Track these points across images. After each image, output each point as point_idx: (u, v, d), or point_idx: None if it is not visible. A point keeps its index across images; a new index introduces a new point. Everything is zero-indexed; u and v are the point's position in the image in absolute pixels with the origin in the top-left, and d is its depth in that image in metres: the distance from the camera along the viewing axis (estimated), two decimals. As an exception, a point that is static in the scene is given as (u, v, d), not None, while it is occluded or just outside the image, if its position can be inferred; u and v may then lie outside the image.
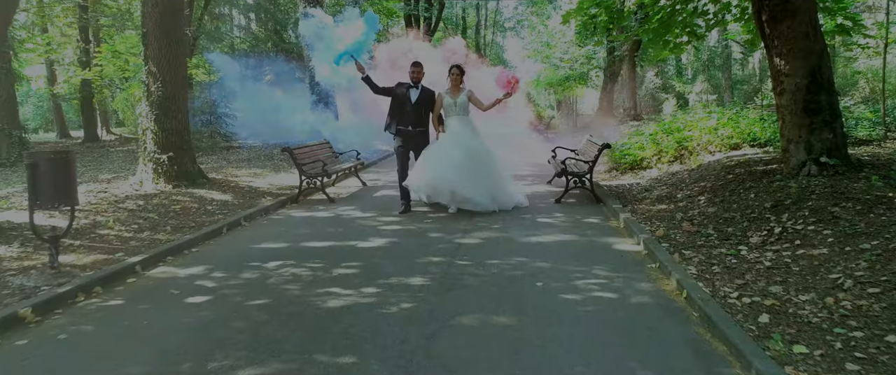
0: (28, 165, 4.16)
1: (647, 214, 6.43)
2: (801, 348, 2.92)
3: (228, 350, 3.13)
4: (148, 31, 7.97)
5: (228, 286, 4.28)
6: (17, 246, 4.99)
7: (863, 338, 2.93)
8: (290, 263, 4.85)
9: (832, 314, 3.26)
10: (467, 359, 2.98)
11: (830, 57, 6.72)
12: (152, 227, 6.01)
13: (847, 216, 4.70)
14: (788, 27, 6.15)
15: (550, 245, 5.39)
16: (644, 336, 3.27)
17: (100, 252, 5.03)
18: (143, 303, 3.95)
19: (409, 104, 6.93)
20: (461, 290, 4.08)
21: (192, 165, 8.36)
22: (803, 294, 3.59)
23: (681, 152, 9.24)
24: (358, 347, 3.14)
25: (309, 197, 8.27)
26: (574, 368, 2.87)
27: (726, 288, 3.88)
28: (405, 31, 24.72)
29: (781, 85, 6.36)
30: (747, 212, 5.50)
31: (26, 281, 4.16)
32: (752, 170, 7.01)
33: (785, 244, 4.54)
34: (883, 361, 2.70)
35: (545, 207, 7.33)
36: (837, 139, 6.19)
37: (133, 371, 2.90)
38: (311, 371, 2.87)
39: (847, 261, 3.89)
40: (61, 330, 3.48)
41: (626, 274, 4.45)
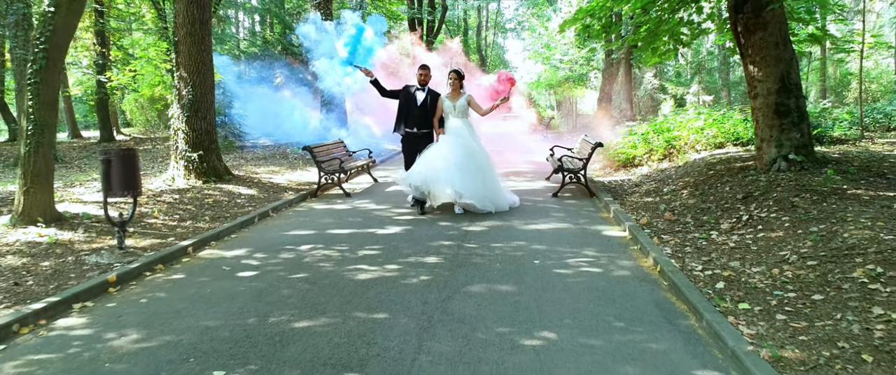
0: (103, 160, 4.89)
1: (634, 206, 7.15)
2: (745, 305, 3.64)
3: (282, 309, 3.86)
4: (179, 39, 8.70)
5: (270, 264, 5.01)
6: (81, 232, 5.72)
7: (794, 298, 3.65)
8: (319, 246, 5.57)
9: (775, 281, 3.97)
10: (476, 315, 3.70)
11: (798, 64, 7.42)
12: (192, 217, 6.74)
13: (804, 205, 5.42)
14: (760, 38, 6.87)
15: (547, 231, 6.12)
16: (621, 299, 3.99)
17: (153, 237, 5.76)
18: (202, 277, 4.68)
19: (416, 106, 7.18)
20: (470, 267, 4.80)
21: (219, 163, 9.10)
22: (755, 267, 4.30)
23: (670, 151, 9.96)
24: (388, 307, 3.86)
25: (326, 191, 9.00)
26: (562, 321, 3.59)
27: (693, 263, 4.60)
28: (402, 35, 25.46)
29: (755, 89, 7.08)
30: (722, 203, 6.23)
31: (100, 259, 4.89)
32: (731, 166, 7.73)
33: (749, 229, 5.26)
34: (805, 313, 3.42)
35: (543, 201, 8.05)
36: (804, 138, 6.91)
37: (211, 323, 3.63)
38: (353, 323, 3.59)
39: (796, 241, 4.61)
40: (140, 296, 4.21)
41: (611, 254, 5.18)
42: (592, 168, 11.16)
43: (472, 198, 6.91)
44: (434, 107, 7.28)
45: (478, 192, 6.96)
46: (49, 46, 5.71)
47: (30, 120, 5.74)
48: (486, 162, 7.31)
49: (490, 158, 7.46)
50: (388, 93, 7.43)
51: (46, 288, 4.20)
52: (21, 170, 5.82)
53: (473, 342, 3.28)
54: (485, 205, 7.00)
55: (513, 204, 7.41)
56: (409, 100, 7.22)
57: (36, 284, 4.29)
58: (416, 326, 3.52)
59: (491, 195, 7.12)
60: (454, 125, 7.20)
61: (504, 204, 7.24)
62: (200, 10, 8.72)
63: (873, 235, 4.28)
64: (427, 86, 7.25)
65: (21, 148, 5.84)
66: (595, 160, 11.92)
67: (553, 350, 3.17)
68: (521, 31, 44.90)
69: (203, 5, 8.76)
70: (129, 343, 3.36)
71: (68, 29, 5.93)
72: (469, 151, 7.09)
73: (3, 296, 4.01)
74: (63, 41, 5.90)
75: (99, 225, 6.00)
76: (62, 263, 4.78)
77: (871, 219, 4.63)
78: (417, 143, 7.23)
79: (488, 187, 7.15)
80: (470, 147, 7.14)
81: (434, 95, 7.29)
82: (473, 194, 6.92)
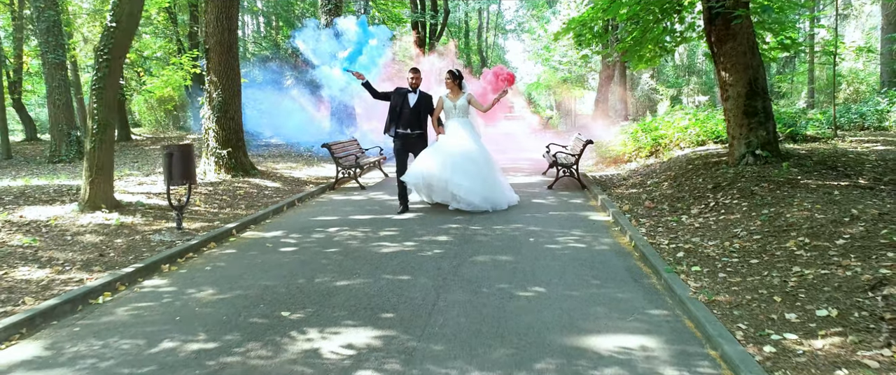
0: (166, 154, 5.80)
1: (620, 196, 8.05)
2: (696, 268, 4.54)
3: (324, 273, 4.76)
4: (210, 47, 9.60)
5: (306, 241, 5.92)
6: (139, 216, 6.62)
7: (736, 262, 4.54)
8: (345, 228, 6.48)
9: (724, 251, 4.87)
10: (482, 276, 4.60)
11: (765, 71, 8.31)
12: (229, 205, 7.65)
13: (761, 192, 6.31)
14: (731, 47, 7.76)
15: (542, 217, 7.02)
16: (599, 265, 4.89)
17: (200, 221, 6.66)
18: (251, 252, 5.58)
19: (408, 108, 7.26)
20: (475, 243, 5.70)
21: (245, 159, 10.01)
22: (711, 241, 5.20)
23: (656, 148, 10.85)
24: (409, 272, 4.76)
25: (343, 185, 9.91)
26: (551, 280, 4.49)
27: (662, 239, 5.50)
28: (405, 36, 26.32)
29: (727, 92, 7.97)
30: (694, 192, 7.13)
31: (163, 237, 5.80)
32: (708, 161, 8.62)
33: (713, 213, 6.16)
34: (741, 272, 4.31)
35: (540, 192, 8.95)
36: (770, 136, 7.80)
37: (268, 283, 4.53)
38: (383, 282, 4.49)
39: (748, 221, 5.50)
40: (205, 265, 5.12)
41: (595, 233, 6.08)
42: (586, 164, 12.07)
43: (468, 198, 7.08)
44: (425, 108, 7.36)
45: (474, 192, 7.08)
46: (111, 57, 6.61)
47: (94, 120, 6.64)
48: (485, 161, 7.37)
49: (490, 157, 7.56)
50: (379, 95, 7.51)
51: (126, 259, 5.11)
52: (86, 163, 6.72)
53: (479, 294, 4.18)
54: (481, 205, 7.15)
55: (511, 203, 7.55)
56: (400, 102, 7.30)
57: (116, 256, 5.20)
58: (433, 284, 4.42)
59: (488, 194, 7.22)
60: (455, 125, 7.38)
61: (502, 203, 7.35)
62: (229, 19, 9.63)
63: (809, 215, 5.17)
64: (418, 89, 7.37)
65: (86, 144, 6.74)
66: (589, 157, 12.83)
67: (542, 298, 4.07)
68: (521, 33, 45.78)
69: (231, 15, 9.66)
70: (208, 295, 4.27)
71: (125, 41, 6.83)
72: (467, 151, 7.21)
73: (96, 264, 4.91)
74: (121, 51, 6.80)
75: (152, 210, 6.91)
76: (132, 240, 5.69)
77: (811, 203, 5.53)
78: (410, 144, 7.38)
79: (487, 186, 7.23)
80: (469, 146, 7.25)
81: (425, 97, 7.41)
82: (469, 193, 7.07)
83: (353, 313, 3.84)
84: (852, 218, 4.85)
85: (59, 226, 5.94)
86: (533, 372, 2.95)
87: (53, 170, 12.61)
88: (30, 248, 5.21)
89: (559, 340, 3.35)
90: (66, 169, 13.03)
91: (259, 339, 3.42)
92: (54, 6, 14.18)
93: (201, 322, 3.73)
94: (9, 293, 4.18)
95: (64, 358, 3.24)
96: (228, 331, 3.55)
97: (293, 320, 3.73)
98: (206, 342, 3.40)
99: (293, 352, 3.24)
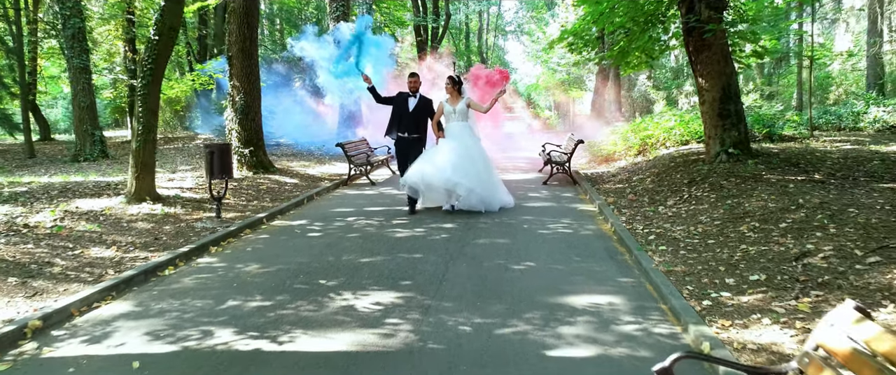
0: (207, 152, 6.67)
1: (607, 190, 8.92)
2: (662, 247, 5.40)
3: (348, 252, 5.62)
4: (232, 54, 10.47)
5: (329, 228, 6.78)
6: (179, 207, 7.48)
7: (696, 242, 5.40)
8: (361, 218, 7.34)
9: (688, 234, 5.73)
10: (483, 254, 5.46)
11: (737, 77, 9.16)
12: (256, 199, 8.51)
13: (728, 186, 7.17)
14: (706, 56, 8.62)
15: (535, 208, 7.88)
16: (582, 246, 5.76)
17: (233, 212, 7.52)
18: (282, 236, 6.45)
19: (408, 112, 7.56)
20: (476, 229, 6.56)
21: (265, 157, 10.87)
22: (679, 226, 6.06)
23: (643, 147, 11.72)
24: (421, 251, 5.63)
25: (355, 181, 10.77)
26: (540, 256, 5.35)
27: (638, 226, 6.36)
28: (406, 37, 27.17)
29: (703, 97, 8.84)
30: (672, 186, 7.99)
31: (205, 224, 6.66)
32: (688, 159, 9.49)
33: (685, 204, 7.02)
34: (698, 250, 5.17)
35: (535, 187, 9.82)
36: (741, 136, 8.66)
37: (303, 260, 5.39)
38: (400, 259, 5.35)
39: (713, 210, 6.36)
40: (245, 247, 5.98)
41: (582, 222, 6.95)
42: (580, 162, 12.94)
43: (467, 197, 7.33)
44: (424, 112, 7.63)
45: (472, 192, 7.30)
46: (155, 66, 7.47)
47: (139, 122, 7.50)
48: (483, 164, 7.60)
49: (488, 160, 7.83)
50: (382, 100, 7.78)
51: (177, 242, 5.97)
52: (132, 160, 7.58)
53: (481, 267, 5.05)
54: (477, 205, 7.40)
55: (506, 205, 7.75)
56: (401, 106, 7.59)
57: (168, 239, 6.06)
58: (443, 260, 5.28)
59: (485, 195, 7.44)
60: (454, 128, 7.58)
61: (495, 204, 7.58)
62: (250, 29, 10.49)
63: (764, 205, 6.03)
64: (418, 93, 7.66)
65: (132, 144, 7.59)
66: (582, 155, 13.70)
67: (532, 269, 4.94)
68: (521, 34, 46.62)
69: (252, 25, 10.53)
70: (254, 269, 5.13)
71: (166, 52, 7.69)
72: (465, 154, 7.39)
73: (152, 246, 5.78)
74: (163, 61, 7.66)
75: (190, 202, 7.78)
76: (179, 227, 6.55)
77: (768, 194, 6.39)
78: (409, 146, 7.65)
79: (484, 187, 7.44)
80: (467, 150, 7.45)
81: (424, 101, 7.66)
82: (468, 193, 7.30)
83: (377, 281, 4.70)
84: (798, 207, 5.71)
85: (113, 215, 6.80)
86: (522, 320, 3.81)
87: (80, 169, 13.44)
88: (95, 233, 6.07)
89: (544, 299, 4.21)
90: (92, 167, 13.87)
91: (305, 299, 4.28)
92: (79, 14, 15.02)
93: (255, 287, 4.59)
94: (91, 267, 5.04)
95: (152, 312, 4.10)
96: (278, 294, 4.42)
97: (329, 286, 4.59)
98: (262, 301, 4.26)
99: (334, 307, 4.11)
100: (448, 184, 7.23)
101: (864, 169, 7.68)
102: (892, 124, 12.90)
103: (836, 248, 4.43)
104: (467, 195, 7.30)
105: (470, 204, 7.40)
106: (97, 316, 4.04)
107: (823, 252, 4.42)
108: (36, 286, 4.47)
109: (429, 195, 7.49)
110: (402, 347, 3.41)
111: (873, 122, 13.12)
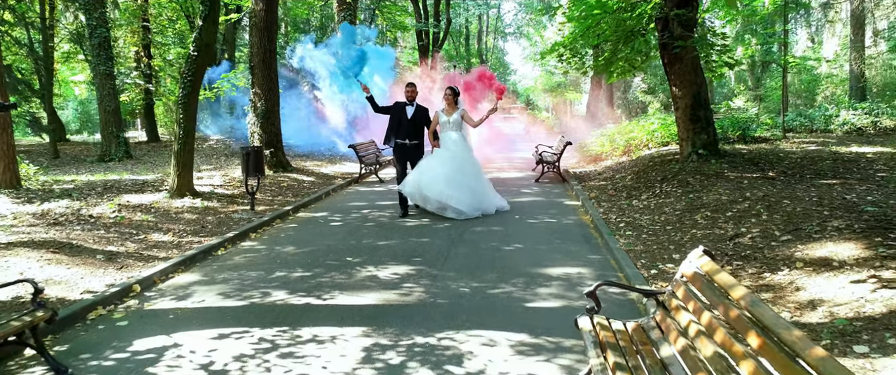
0: (244, 154, 7.77)
1: (591, 187, 10.01)
2: (629, 232, 6.49)
3: (367, 237, 6.71)
4: (255, 65, 11.57)
5: (347, 219, 7.87)
6: (216, 201, 8.58)
7: (657, 228, 6.49)
8: (375, 210, 8.44)
9: (653, 222, 6.81)
10: (479, 239, 6.55)
11: (707, 86, 10.25)
12: (280, 194, 9.60)
13: (694, 182, 8.26)
14: (679, 68, 9.71)
15: (526, 202, 8.97)
16: (563, 232, 6.85)
17: (262, 205, 8.61)
18: (308, 226, 7.54)
19: (406, 119, 7.89)
20: (475, 220, 7.65)
21: (284, 157, 11.97)
22: (646, 216, 7.15)
23: (628, 148, 12.80)
24: (428, 236, 6.71)
25: (365, 179, 11.86)
26: (527, 240, 6.44)
27: (613, 216, 7.45)
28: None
29: (677, 104, 9.93)
30: (647, 183, 9.08)
31: (242, 215, 7.75)
32: (665, 158, 10.58)
33: (656, 198, 8.11)
34: (657, 234, 6.26)
35: (528, 184, 10.91)
36: (710, 138, 9.75)
37: (330, 243, 6.48)
38: (411, 242, 6.44)
39: (676, 202, 7.45)
40: (278, 234, 7.07)
41: (566, 213, 8.04)
42: (570, 161, 14.03)
43: (460, 206, 7.64)
44: (421, 120, 7.98)
45: (465, 201, 7.65)
46: (193, 79, 8.56)
47: (180, 127, 8.59)
48: (475, 173, 8.02)
49: (480, 170, 8.25)
50: (380, 109, 8.09)
51: (221, 229, 7.06)
52: (174, 160, 8.66)
53: (478, 248, 6.13)
54: (470, 213, 7.69)
55: (501, 208, 8.12)
56: (399, 114, 7.93)
57: (213, 227, 7.15)
58: (446, 243, 6.37)
59: (478, 202, 7.81)
60: (449, 138, 7.96)
61: (491, 208, 7.97)
62: (270, 42, 11.59)
63: (718, 198, 7.12)
64: (415, 102, 8.00)
65: (174, 146, 8.68)
66: (573, 155, 14.79)
67: (520, 250, 6.03)
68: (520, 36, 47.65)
69: (271, 38, 11.63)
70: (291, 250, 6.22)
71: (204, 66, 8.78)
72: (459, 163, 7.80)
73: (201, 232, 6.87)
74: (201, 74, 8.74)
75: (225, 197, 8.87)
76: (219, 217, 7.64)
77: (723, 189, 7.47)
78: (408, 153, 8.02)
79: (476, 196, 7.82)
80: (461, 159, 7.85)
81: (422, 109, 8.00)
82: (460, 202, 7.63)
83: (393, 258, 5.79)
84: (744, 199, 6.80)
85: (161, 208, 7.90)
86: (509, 284, 4.90)
87: (108, 168, 14.52)
88: (150, 222, 7.17)
89: (528, 270, 5.29)
90: (119, 167, 14.96)
91: (337, 271, 5.37)
92: (104, 24, 16.12)
93: (295, 263, 5.68)
94: (157, 248, 6.13)
95: (218, 280, 5.19)
96: (315, 267, 5.50)
97: (355, 261, 5.68)
98: (303, 272, 5.35)
99: (361, 276, 5.19)
100: (442, 196, 7.60)
101: (816, 167, 8.77)
102: (860, 126, 13.98)
103: (762, 231, 5.52)
104: (458, 205, 7.62)
105: (463, 212, 7.65)
106: (175, 283, 5.14)
107: (752, 233, 5.51)
108: (119, 261, 5.57)
109: (426, 204, 7.87)
110: (417, 302, 4.50)
111: (842, 125, 14.21)
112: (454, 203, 7.60)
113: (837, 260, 4.38)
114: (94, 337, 3.91)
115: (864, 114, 14.30)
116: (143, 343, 3.76)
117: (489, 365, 3.35)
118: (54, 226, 6.62)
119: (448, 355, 3.50)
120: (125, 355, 3.60)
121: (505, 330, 3.86)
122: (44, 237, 6.07)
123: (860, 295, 3.70)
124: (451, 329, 3.90)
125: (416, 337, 3.77)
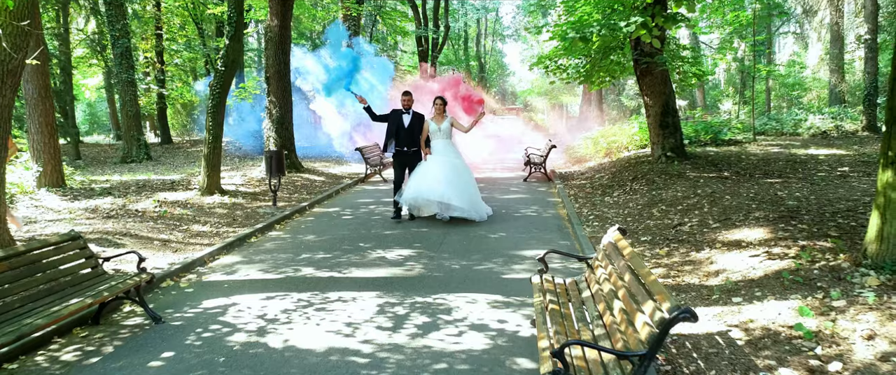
0: (267, 156, 8.98)
1: (572, 185, 11.23)
2: (596, 223, 7.70)
3: (376, 228, 7.92)
4: (270, 75, 12.78)
5: (357, 213, 9.08)
6: (241, 198, 9.78)
7: (620, 220, 7.70)
8: (380, 206, 9.65)
9: (618, 215, 8.03)
10: (470, 228, 7.75)
11: (675, 96, 11.47)
12: (296, 192, 10.82)
13: (659, 180, 9.47)
14: (650, 80, 10.93)
15: (513, 198, 10.18)
16: (541, 223, 8.06)
17: (282, 201, 9.82)
18: (324, 219, 8.75)
19: (404, 127, 8.20)
20: (467, 213, 8.87)
21: (296, 159, 13.19)
22: (613, 210, 8.36)
23: (610, 150, 14.02)
24: (427, 227, 7.91)
25: (370, 179, 13.08)
26: (509, 230, 7.65)
27: (585, 210, 8.67)
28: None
29: (648, 111, 11.15)
30: (620, 181, 10.30)
31: (265, 210, 8.96)
32: (640, 160, 11.79)
33: (625, 195, 9.32)
34: (625, 223, 7.46)
35: (516, 183, 12.12)
36: (677, 142, 10.97)
37: (344, 233, 7.68)
38: (412, 231, 7.64)
39: (641, 198, 8.66)
40: (299, 225, 8.28)
41: (546, 208, 9.26)
42: (558, 162, 15.24)
43: (460, 208, 8.02)
44: (418, 127, 8.25)
45: (464, 203, 8.03)
46: (221, 91, 9.76)
47: (209, 132, 9.79)
48: (469, 177, 8.39)
49: (471, 175, 8.55)
50: (378, 118, 8.38)
51: (249, 222, 8.26)
52: (204, 162, 9.86)
53: (468, 236, 7.34)
54: (470, 215, 8.10)
55: (488, 215, 8.41)
56: (396, 122, 8.21)
57: (243, 220, 8.36)
58: (441, 232, 7.58)
59: (473, 206, 8.20)
60: (440, 145, 8.24)
61: (484, 213, 8.34)
62: (284, 53, 12.80)
63: (675, 194, 8.33)
64: (411, 110, 8.31)
65: (204, 150, 9.88)
66: (560, 157, 16.00)
67: (504, 237, 7.24)
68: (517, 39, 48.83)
69: (285, 51, 12.84)
70: (312, 238, 7.43)
71: (230, 79, 9.99)
72: (455, 168, 8.15)
73: (233, 224, 8.08)
74: (227, 86, 9.94)
75: (248, 195, 10.08)
76: (247, 212, 8.86)
77: (680, 187, 8.68)
78: (407, 159, 8.35)
79: (472, 199, 8.21)
80: (455, 164, 8.20)
81: (418, 117, 8.29)
82: (460, 205, 8.00)
83: (398, 243, 7.00)
84: (694, 195, 8.02)
85: (195, 204, 9.11)
86: (491, 262, 6.10)
87: (131, 169, 15.71)
88: (188, 215, 8.38)
89: (508, 252, 6.50)
90: (141, 167, 16.16)
91: (352, 253, 6.58)
92: (127, 35, 17.33)
93: (317, 247, 6.89)
94: (199, 237, 7.34)
95: (256, 261, 6.39)
96: (334, 251, 6.71)
97: (366, 246, 6.89)
98: (324, 254, 6.56)
99: (372, 257, 6.40)
100: (443, 198, 7.97)
101: (767, 168, 9.99)
102: (824, 130, 15.19)
103: (700, 221, 6.73)
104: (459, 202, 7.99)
105: (463, 209, 8.05)
106: (221, 263, 6.35)
107: (691, 223, 6.72)
108: (173, 246, 6.78)
109: (423, 210, 8.30)
110: (417, 275, 5.71)
111: (808, 129, 15.42)
112: (455, 201, 7.95)
113: (746, 242, 5.59)
114: (170, 299, 5.12)
115: (830, 119, 15.51)
116: (210, 303, 4.98)
117: (470, 315, 4.56)
118: (109, 219, 7.83)
119: (441, 308, 4.71)
120: (199, 310, 4.81)
121: (485, 293, 5.07)
122: (105, 227, 7.28)
123: (751, 265, 4.92)
124: (443, 292, 5.12)
125: (417, 298, 4.98)
